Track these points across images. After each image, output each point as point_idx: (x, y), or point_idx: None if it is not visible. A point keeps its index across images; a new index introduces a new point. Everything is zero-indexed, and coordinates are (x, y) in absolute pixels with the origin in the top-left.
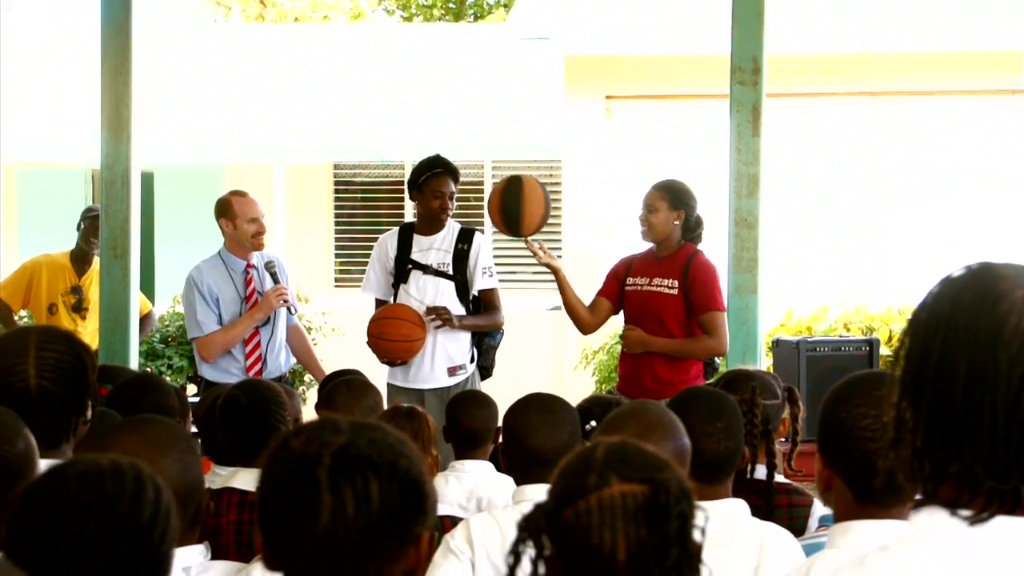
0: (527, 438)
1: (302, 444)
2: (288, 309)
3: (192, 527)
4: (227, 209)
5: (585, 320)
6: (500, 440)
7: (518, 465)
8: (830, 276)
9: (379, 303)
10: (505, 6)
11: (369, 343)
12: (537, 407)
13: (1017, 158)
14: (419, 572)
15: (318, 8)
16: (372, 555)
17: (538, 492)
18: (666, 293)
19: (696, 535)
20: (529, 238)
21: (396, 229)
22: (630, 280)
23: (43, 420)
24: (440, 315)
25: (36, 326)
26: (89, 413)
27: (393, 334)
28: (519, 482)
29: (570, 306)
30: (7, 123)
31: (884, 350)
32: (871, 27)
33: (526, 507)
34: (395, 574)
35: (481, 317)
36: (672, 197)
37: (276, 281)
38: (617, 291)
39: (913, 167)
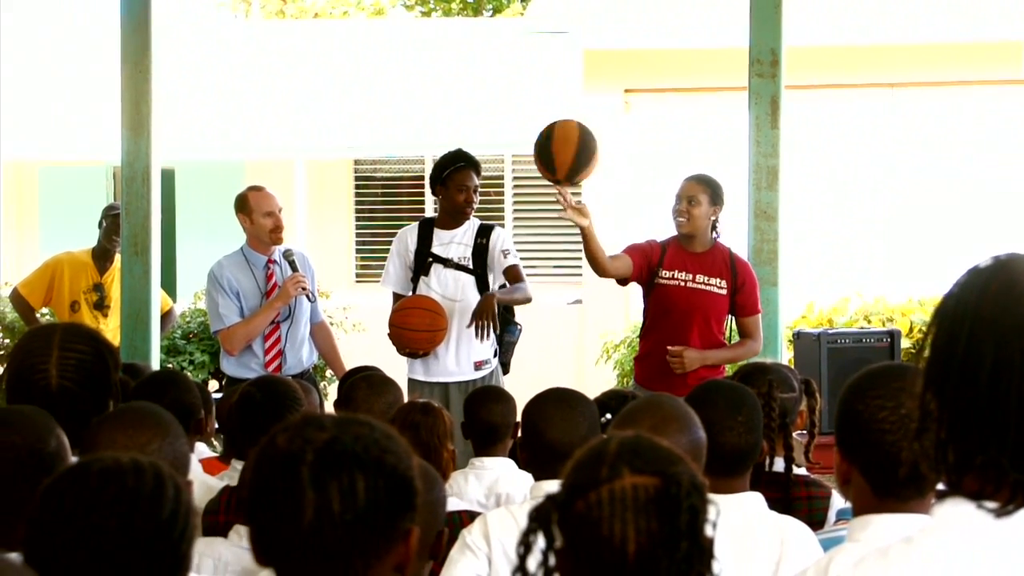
0: (545, 432)
1: (286, 441)
2: (307, 297)
3: None
4: (244, 204)
5: (605, 265)
6: (519, 435)
7: (536, 460)
8: (850, 268)
9: (397, 297)
10: (523, 0)
11: (391, 334)
12: (556, 401)
13: None
14: (409, 567)
15: (338, 4)
16: (360, 551)
17: (555, 487)
18: (715, 292)
19: (708, 529)
20: (567, 183)
21: (416, 223)
22: (665, 273)
23: (64, 419)
24: (479, 319)
25: (61, 324)
26: None
27: (416, 324)
28: (537, 477)
29: (591, 253)
30: (30, 122)
31: (905, 342)
32: (890, 18)
33: None
34: (384, 570)
35: (508, 290)
36: (712, 192)
37: (294, 270)
38: (643, 268)
39: (932, 158)
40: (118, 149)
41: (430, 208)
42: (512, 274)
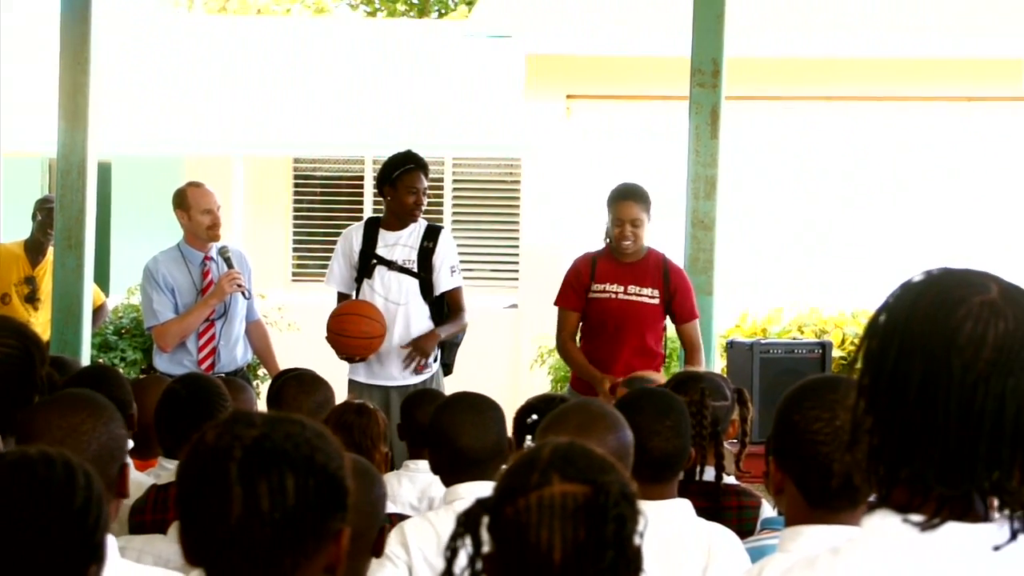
0: (456, 438)
1: (214, 438)
2: (243, 294)
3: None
4: (182, 200)
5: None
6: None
7: (446, 465)
8: (784, 278)
9: (341, 296)
10: (468, 3)
11: (328, 339)
12: (465, 408)
13: (971, 164)
14: (340, 568)
15: (281, 1)
16: (288, 549)
17: (470, 490)
18: (647, 303)
19: (635, 539)
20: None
21: (362, 222)
22: (597, 286)
23: None
24: (416, 353)
25: None
26: None
27: (353, 331)
28: (448, 482)
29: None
30: None
31: (837, 352)
32: (830, 31)
33: (460, 506)
34: (314, 570)
35: (451, 324)
36: (647, 207)
37: (230, 267)
38: (583, 299)
39: (867, 171)
40: (54, 141)
41: (369, 208)
42: (453, 298)
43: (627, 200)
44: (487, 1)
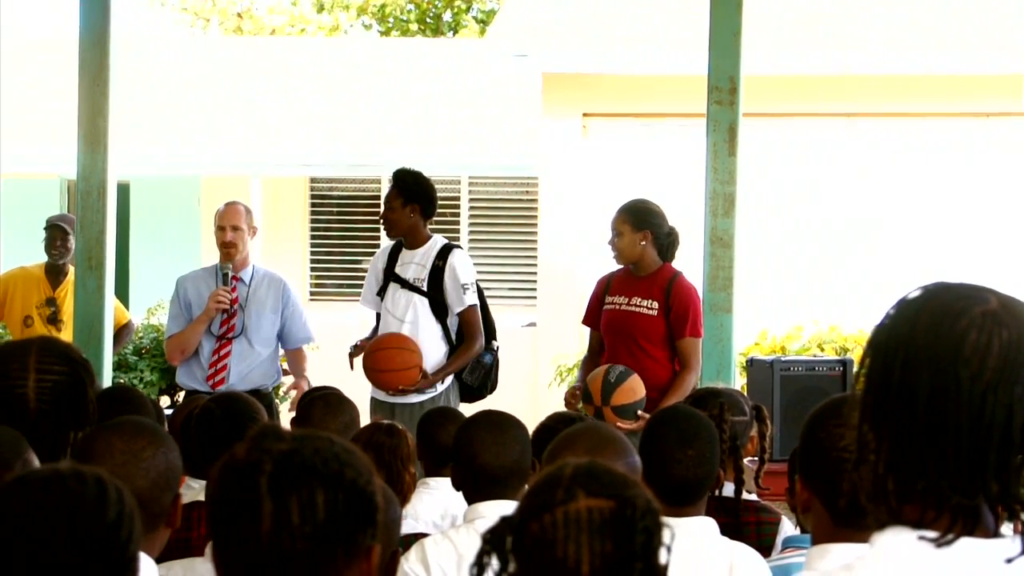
0: (477, 456)
1: (244, 452)
2: (225, 311)
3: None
4: (214, 218)
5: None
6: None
7: (468, 483)
8: (804, 296)
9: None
10: (482, 22)
11: (368, 378)
12: (487, 425)
13: (986, 181)
14: None
15: (296, 22)
16: (319, 564)
17: (491, 508)
18: (645, 313)
19: (662, 552)
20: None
21: (393, 243)
22: (608, 299)
23: (42, 437)
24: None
25: (36, 342)
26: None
27: (383, 366)
28: (470, 500)
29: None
30: None
31: (858, 369)
32: (848, 49)
33: (480, 524)
34: None
35: (457, 359)
36: (633, 219)
37: (225, 284)
38: (598, 314)
39: (888, 188)
40: (73, 162)
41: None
42: (465, 320)
43: (615, 213)
44: (503, 20)
